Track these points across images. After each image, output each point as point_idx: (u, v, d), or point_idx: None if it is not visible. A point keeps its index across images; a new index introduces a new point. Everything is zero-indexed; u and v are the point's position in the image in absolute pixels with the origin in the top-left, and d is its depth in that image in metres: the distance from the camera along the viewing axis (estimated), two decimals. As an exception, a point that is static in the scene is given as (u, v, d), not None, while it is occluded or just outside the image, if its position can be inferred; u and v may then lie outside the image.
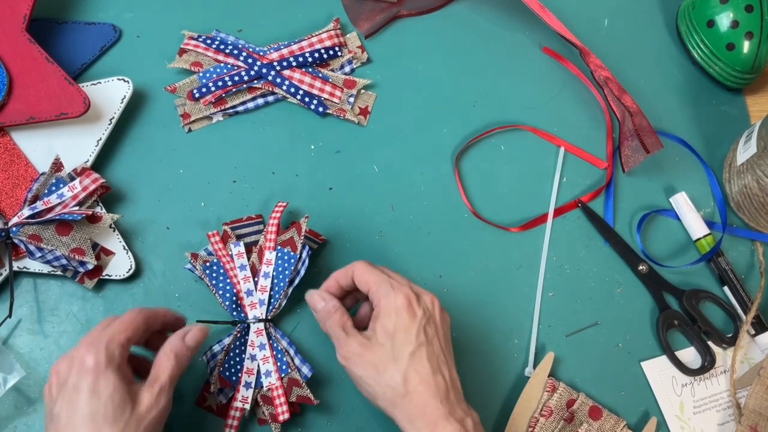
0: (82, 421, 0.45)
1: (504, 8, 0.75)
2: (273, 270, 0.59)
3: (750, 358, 0.64)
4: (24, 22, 0.64)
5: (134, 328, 0.51)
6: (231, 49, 0.68)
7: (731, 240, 0.67)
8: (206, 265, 0.60)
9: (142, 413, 0.47)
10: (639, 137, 0.66)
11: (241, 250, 0.60)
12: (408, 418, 0.49)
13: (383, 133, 0.69)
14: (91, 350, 0.47)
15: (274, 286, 0.59)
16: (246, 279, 0.59)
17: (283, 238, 0.60)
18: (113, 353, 0.48)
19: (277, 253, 0.59)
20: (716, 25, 0.69)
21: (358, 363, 0.51)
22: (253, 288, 0.59)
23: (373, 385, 0.50)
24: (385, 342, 0.50)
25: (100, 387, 0.46)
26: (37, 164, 0.64)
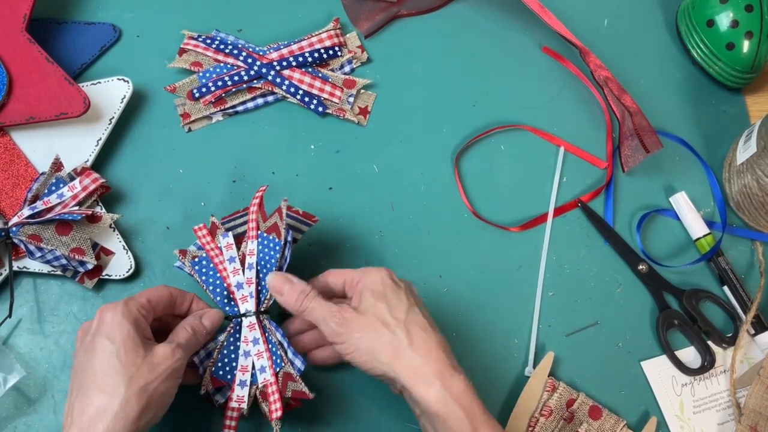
0: (98, 363, 0.47)
1: (504, 8, 0.75)
2: (256, 260, 0.57)
3: (750, 357, 0.64)
4: (24, 22, 0.64)
5: (157, 295, 0.53)
6: (231, 49, 0.68)
7: (731, 240, 0.67)
8: (194, 260, 0.58)
9: (156, 362, 0.48)
10: (639, 137, 0.66)
11: (229, 242, 0.59)
12: (413, 371, 0.48)
13: (383, 133, 0.69)
14: (110, 307, 0.50)
15: (261, 276, 0.57)
16: (235, 271, 0.57)
17: (267, 225, 0.58)
18: (131, 309, 0.50)
19: (261, 240, 0.57)
20: (716, 24, 0.69)
21: (355, 327, 0.50)
22: (244, 280, 0.58)
23: (373, 347, 0.49)
24: (378, 303, 0.51)
25: (114, 333, 0.48)
26: (37, 164, 0.64)
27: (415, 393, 0.48)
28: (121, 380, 0.47)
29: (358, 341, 0.50)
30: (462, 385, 0.49)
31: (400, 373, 0.48)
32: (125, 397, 0.46)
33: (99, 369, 0.47)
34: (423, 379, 0.48)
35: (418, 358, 0.48)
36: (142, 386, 0.47)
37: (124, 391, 0.46)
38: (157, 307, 0.53)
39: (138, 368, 0.47)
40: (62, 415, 0.58)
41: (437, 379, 0.48)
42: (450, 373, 0.49)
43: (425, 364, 0.48)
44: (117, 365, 0.47)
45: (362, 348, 0.50)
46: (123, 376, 0.47)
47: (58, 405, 0.59)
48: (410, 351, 0.49)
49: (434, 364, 0.49)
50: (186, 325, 0.53)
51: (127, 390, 0.46)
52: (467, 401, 0.48)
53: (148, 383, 0.47)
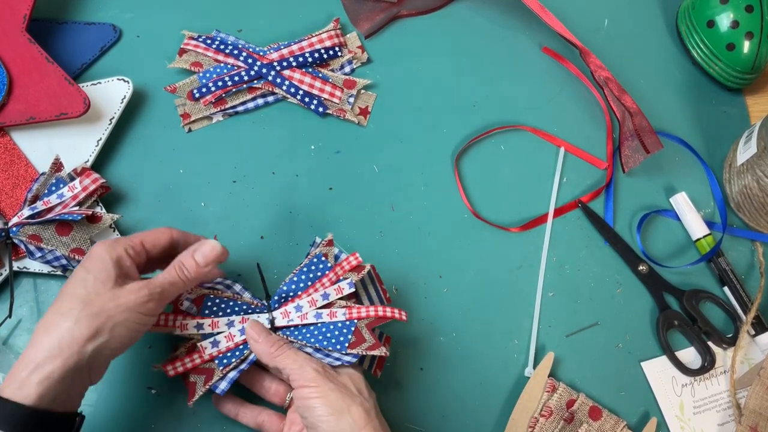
0: (67, 289, 0.49)
1: (504, 8, 0.75)
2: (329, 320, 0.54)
3: (750, 358, 0.64)
4: (24, 22, 0.64)
5: (154, 238, 0.53)
6: (231, 49, 0.68)
7: (731, 240, 0.67)
8: (323, 259, 0.56)
9: (120, 294, 0.48)
10: (639, 137, 0.66)
11: (345, 290, 0.55)
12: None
13: (383, 133, 0.69)
14: (101, 243, 0.51)
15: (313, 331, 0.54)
16: (313, 302, 0.55)
17: (362, 328, 0.54)
18: (116, 247, 0.50)
19: (345, 326, 0.54)
20: (716, 25, 0.69)
21: (332, 378, 0.50)
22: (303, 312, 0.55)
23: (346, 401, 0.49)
24: (356, 370, 0.53)
25: (92, 264, 0.49)
26: (37, 164, 0.64)
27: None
28: (78, 303, 0.47)
29: (330, 393, 0.49)
30: None
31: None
32: (76, 318, 0.47)
33: (65, 293, 0.49)
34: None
35: (381, 428, 0.50)
36: (96, 312, 0.47)
37: (77, 314, 0.47)
38: (152, 249, 0.53)
39: (99, 296, 0.48)
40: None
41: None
42: None
43: None
44: (81, 292, 0.48)
45: (332, 401, 0.49)
46: (82, 300, 0.48)
47: (58, 405, 0.59)
48: (377, 420, 0.50)
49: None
50: (173, 264, 0.52)
51: (79, 313, 0.47)
52: None
53: (104, 310, 0.47)
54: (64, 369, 0.46)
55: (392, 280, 0.64)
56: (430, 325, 0.63)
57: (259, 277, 0.57)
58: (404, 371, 0.61)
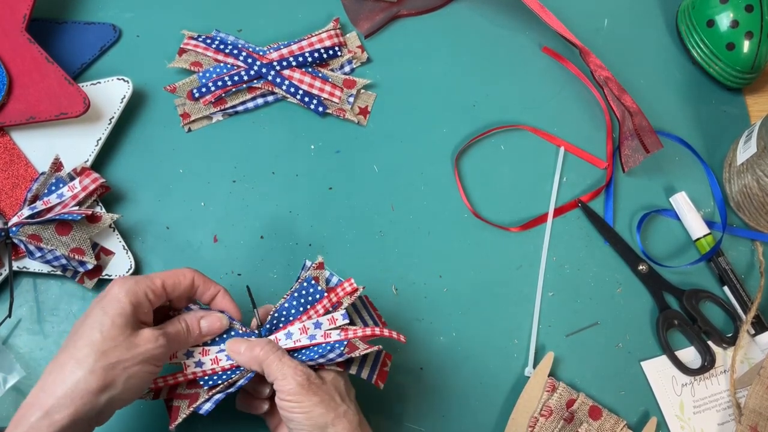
0: (83, 331, 0.48)
1: (504, 8, 0.75)
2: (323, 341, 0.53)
3: (750, 357, 0.64)
4: (24, 22, 0.64)
5: (175, 282, 0.52)
6: (231, 49, 0.68)
7: (731, 240, 0.67)
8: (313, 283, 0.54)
9: (136, 342, 0.48)
10: (639, 137, 0.66)
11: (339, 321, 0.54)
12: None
13: (383, 133, 0.69)
14: (120, 281, 0.50)
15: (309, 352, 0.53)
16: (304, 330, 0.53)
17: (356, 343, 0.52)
18: (136, 290, 0.49)
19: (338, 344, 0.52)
20: (716, 24, 0.69)
21: (317, 390, 0.49)
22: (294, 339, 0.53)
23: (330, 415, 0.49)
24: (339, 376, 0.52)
25: (110, 308, 0.48)
26: (37, 164, 0.64)
27: None
28: (93, 352, 0.46)
29: (315, 406, 0.49)
30: None
31: None
32: (91, 369, 0.46)
33: (81, 336, 0.47)
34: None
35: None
36: (113, 363, 0.47)
37: (92, 363, 0.46)
38: (172, 292, 0.52)
39: (116, 345, 0.47)
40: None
41: None
42: None
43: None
44: (97, 337, 0.47)
45: (316, 414, 0.49)
46: (98, 348, 0.47)
47: (58, 405, 0.59)
48: (359, 429, 0.50)
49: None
50: (182, 318, 0.52)
51: (95, 363, 0.46)
52: None
53: (120, 361, 0.47)
54: (74, 418, 0.45)
55: (392, 280, 0.64)
56: (430, 325, 0.63)
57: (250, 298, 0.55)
58: (404, 371, 0.61)
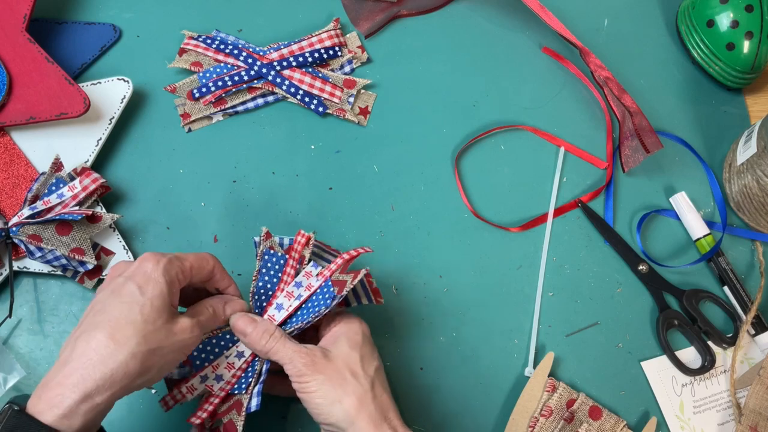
0: (119, 309, 0.46)
1: (504, 8, 0.75)
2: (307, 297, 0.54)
3: (750, 358, 0.64)
4: (24, 22, 0.64)
5: (200, 266, 0.51)
6: (231, 49, 0.68)
7: (731, 240, 0.67)
8: (270, 251, 0.55)
9: (175, 330, 0.47)
10: (639, 137, 0.66)
11: (312, 272, 0.55)
12: (373, 423, 0.49)
13: (383, 133, 0.69)
14: (153, 258, 0.48)
15: (301, 312, 0.54)
16: (289, 295, 0.54)
17: (337, 277, 0.54)
18: (170, 270, 0.48)
19: (323, 287, 0.54)
20: (716, 24, 0.69)
21: (322, 369, 0.50)
22: (286, 307, 0.54)
23: (337, 393, 0.49)
24: (353, 352, 0.51)
25: (148, 286, 0.47)
26: (37, 164, 0.64)
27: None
28: (135, 335, 0.45)
29: (322, 384, 0.49)
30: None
31: (358, 423, 0.49)
32: (133, 352, 0.44)
33: (118, 315, 0.45)
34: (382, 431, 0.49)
35: (378, 414, 0.49)
36: (153, 348, 0.45)
37: (134, 347, 0.44)
38: (195, 276, 0.51)
39: (156, 330, 0.46)
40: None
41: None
42: (404, 429, 0.50)
43: (383, 420, 0.49)
44: (138, 318, 0.45)
45: (324, 392, 0.49)
46: (139, 331, 0.45)
47: (58, 405, 0.59)
48: (372, 405, 0.49)
49: (390, 421, 0.50)
50: (208, 304, 0.52)
51: (137, 347, 0.44)
52: None
53: (159, 348, 0.46)
54: (112, 400, 0.45)
55: (392, 280, 0.64)
56: (430, 325, 0.63)
57: None
58: (404, 371, 0.61)
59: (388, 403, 0.51)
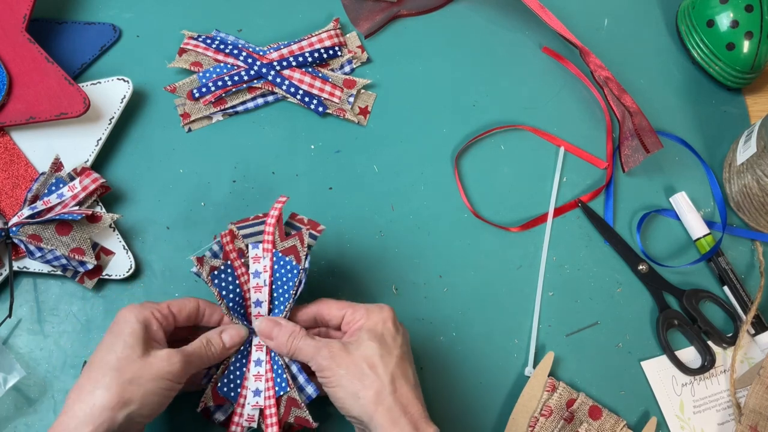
0: (98, 356, 0.50)
1: (504, 8, 0.75)
2: (269, 278, 0.55)
3: (750, 357, 0.64)
4: (24, 22, 0.64)
5: (181, 305, 0.54)
6: (231, 49, 0.68)
7: (731, 240, 0.67)
8: (215, 273, 0.54)
9: (151, 361, 0.49)
10: (639, 137, 0.66)
11: (258, 254, 0.55)
12: (391, 419, 0.48)
13: (383, 133, 0.69)
14: (126, 308, 0.52)
15: (276, 298, 0.55)
16: (258, 288, 0.55)
17: (284, 245, 0.55)
18: (143, 311, 0.51)
19: (277, 260, 0.55)
20: (716, 24, 0.70)
21: (341, 362, 0.50)
22: (264, 299, 0.55)
23: (355, 387, 0.49)
24: (372, 343, 0.51)
25: (119, 329, 0.50)
26: (37, 164, 0.63)
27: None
28: (108, 370, 0.48)
29: (342, 378, 0.50)
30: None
31: (376, 418, 0.48)
32: (107, 385, 0.47)
33: (97, 361, 0.49)
34: (399, 428, 0.48)
35: (397, 408, 0.49)
36: (128, 378, 0.48)
37: (108, 380, 0.48)
38: (179, 315, 0.53)
39: (130, 363, 0.48)
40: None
41: (412, 430, 0.48)
42: (425, 426, 0.49)
43: (402, 414, 0.49)
44: (111, 358, 0.49)
45: (344, 386, 0.50)
46: (112, 367, 0.48)
47: (58, 405, 0.59)
48: (391, 399, 0.49)
49: (411, 416, 0.49)
50: (203, 336, 0.53)
51: (111, 380, 0.48)
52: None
53: (135, 377, 0.48)
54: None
55: (392, 280, 0.64)
56: (430, 325, 0.63)
57: None
58: (404, 371, 0.61)
59: (410, 397, 0.50)
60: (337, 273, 0.64)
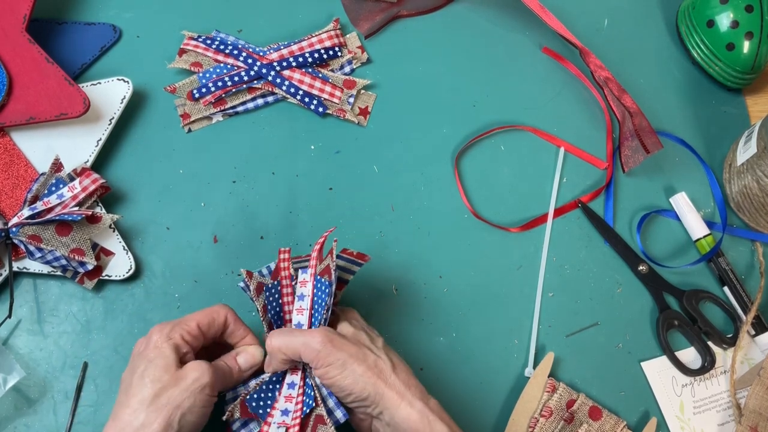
0: (132, 382, 0.50)
1: (504, 8, 0.75)
2: (311, 302, 0.55)
3: (750, 358, 0.64)
4: (24, 22, 0.64)
5: (210, 320, 0.53)
6: (231, 49, 0.68)
7: (731, 240, 0.67)
8: (263, 290, 0.55)
9: (182, 376, 0.49)
10: (639, 137, 0.66)
11: (306, 278, 0.55)
12: (398, 393, 0.50)
13: (383, 133, 0.69)
14: (158, 328, 0.52)
15: (315, 319, 0.54)
16: (300, 311, 0.55)
17: (321, 267, 0.55)
18: (173, 335, 0.51)
19: (316, 284, 0.55)
20: (716, 25, 0.69)
21: (342, 347, 0.50)
22: (305, 322, 0.54)
23: (359, 368, 0.49)
24: (359, 332, 0.53)
25: (152, 354, 0.50)
26: (37, 164, 0.64)
27: (399, 413, 0.49)
28: (144, 398, 0.48)
29: (346, 362, 0.50)
30: (437, 405, 0.51)
31: (385, 394, 0.49)
32: (146, 414, 0.48)
33: (131, 387, 0.49)
34: (407, 400, 0.50)
35: (400, 383, 0.50)
36: (164, 403, 0.48)
37: (146, 408, 0.48)
38: (207, 332, 0.53)
39: (163, 385, 0.49)
40: (61, 416, 0.58)
41: (418, 400, 0.50)
42: (426, 396, 0.52)
43: (407, 387, 0.51)
44: (145, 383, 0.49)
45: (350, 368, 0.50)
46: (147, 393, 0.48)
47: (58, 405, 0.59)
48: (394, 375, 0.51)
49: (414, 389, 0.51)
50: (221, 359, 0.53)
51: (148, 407, 0.48)
52: (446, 417, 0.51)
53: (170, 400, 0.48)
54: None
55: (392, 280, 0.64)
56: (430, 325, 0.63)
57: None
58: (404, 371, 0.61)
59: (409, 372, 0.52)
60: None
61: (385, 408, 0.50)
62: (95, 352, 0.60)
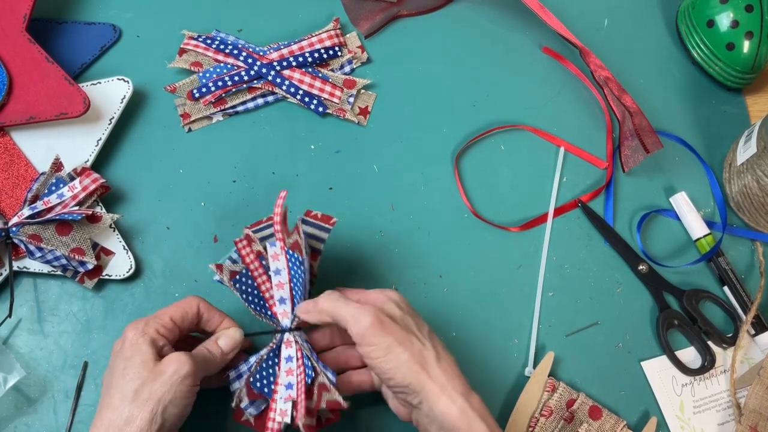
0: (112, 381, 0.50)
1: (504, 8, 0.75)
2: (289, 275, 0.55)
3: (750, 358, 0.64)
4: (24, 22, 0.64)
5: (183, 312, 0.53)
6: (231, 49, 0.68)
7: (731, 240, 0.67)
8: (235, 278, 0.55)
9: (161, 369, 0.49)
10: (639, 137, 0.66)
11: (276, 251, 0.55)
12: (439, 385, 0.49)
13: (383, 133, 0.69)
14: (133, 325, 0.52)
15: (295, 294, 0.55)
16: (280, 286, 0.55)
17: (290, 241, 0.55)
18: (148, 330, 0.51)
19: (290, 258, 0.55)
20: (716, 25, 0.69)
21: (390, 330, 0.49)
22: (287, 296, 0.55)
23: (404, 355, 0.49)
24: (406, 316, 0.52)
25: (129, 352, 0.50)
26: (37, 164, 0.64)
27: (438, 407, 0.48)
28: (126, 395, 0.48)
29: (391, 346, 0.49)
30: (480, 401, 0.50)
31: (426, 385, 0.49)
32: (129, 410, 0.48)
33: (112, 386, 0.49)
34: (447, 394, 0.49)
35: (442, 375, 0.49)
36: (145, 399, 0.48)
37: (128, 404, 0.48)
38: (182, 324, 0.53)
39: (143, 380, 0.48)
40: (62, 415, 0.58)
41: (460, 395, 0.49)
42: (469, 391, 0.50)
43: (449, 380, 0.49)
44: (126, 381, 0.49)
45: (394, 353, 0.49)
46: (129, 390, 0.48)
47: (58, 405, 0.59)
48: (437, 366, 0.49)
49: (456, 381, 0.50)
50: (201, 345, 0.54)
51: (131, 403, 0.48)
52: (486, 416, 0.50)
53: (152, 393, 0.48)
54: None
55: (392, 280, 0.64)
56: (430, 325, 0.63)
57: None
58: (404, 371, 0.61)
59: (453, 364, 0.51)
60: (338, 273, 0.64)
61: (425, 399, 0.49)
62: (95, 351, 0.60)
